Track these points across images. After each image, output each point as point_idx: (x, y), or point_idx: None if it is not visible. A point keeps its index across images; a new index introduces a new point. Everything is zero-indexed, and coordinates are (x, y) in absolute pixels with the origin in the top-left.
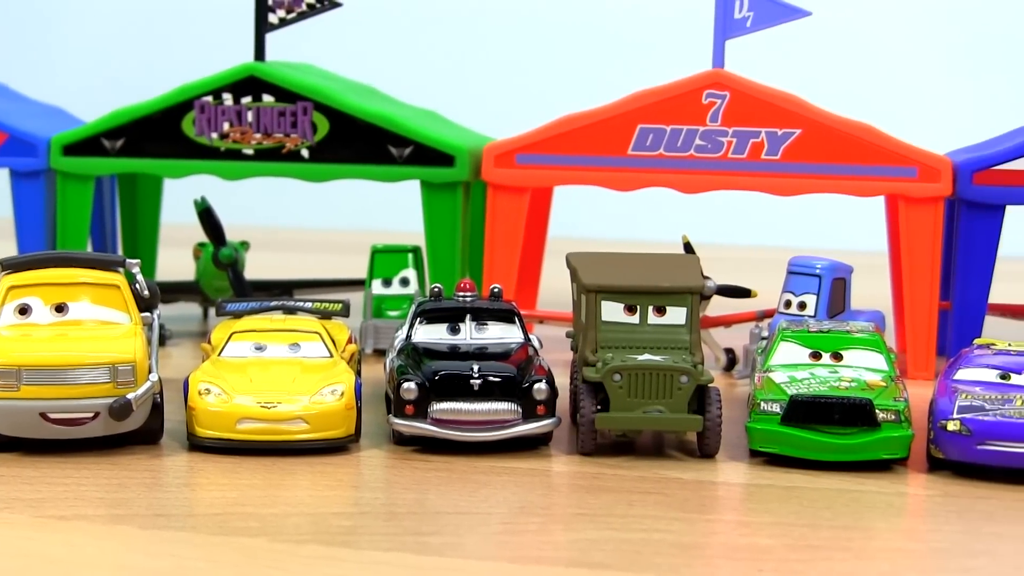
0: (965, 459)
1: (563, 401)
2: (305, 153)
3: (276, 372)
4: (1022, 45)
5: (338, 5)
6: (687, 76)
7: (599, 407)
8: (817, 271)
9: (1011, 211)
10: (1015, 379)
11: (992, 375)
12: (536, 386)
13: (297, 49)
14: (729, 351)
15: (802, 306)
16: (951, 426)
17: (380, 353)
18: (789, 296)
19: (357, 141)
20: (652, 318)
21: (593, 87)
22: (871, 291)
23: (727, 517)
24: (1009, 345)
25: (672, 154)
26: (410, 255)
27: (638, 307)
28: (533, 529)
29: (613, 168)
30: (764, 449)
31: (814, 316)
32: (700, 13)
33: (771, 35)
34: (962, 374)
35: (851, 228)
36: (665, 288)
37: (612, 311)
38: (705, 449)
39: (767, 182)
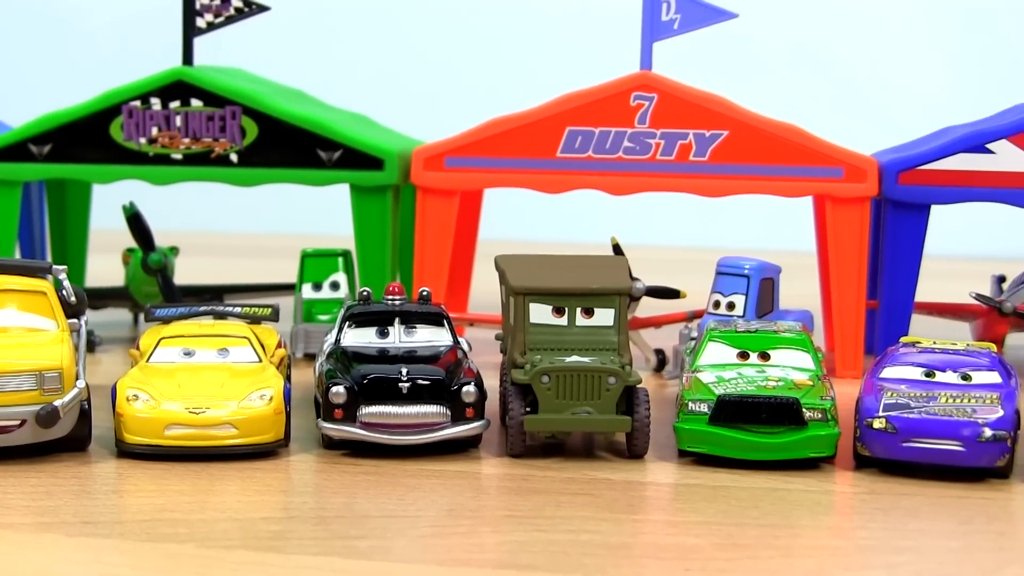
0: (891, 456)
1: (493, 403)
2: (234, 157)
3: (204, 377)
4: (946, 46)
5: (266, 9)
6: (615, 78)
7: (528, 409)
8: (745, 271)
9: (936, 210)
10: (940, 376)
11: (917, 373)
12: (465, 389)
13: (226, 53)
14: (659, 352)
15: (731, 306)
16: (877, 424)
17: (311, 357)
18: (718, 297)
19: (286, 145)
20: (580, 320)
21: (522, 90)
22: (800, 291)
23: (655, 517)
24: (934, 343)
25: (600, 156)
26: (340, 259)
27: (566, 309)
28: (461, 532)
29: (542, 170)
30: (692, 449)
31: (743, 316)
32: (628, 15)
33: (698, 37)
34: (888, 372)
35: (779, 228)
36: (593, 290)
37: (540, 313)
38: (634, 450)
39: (695, 183)
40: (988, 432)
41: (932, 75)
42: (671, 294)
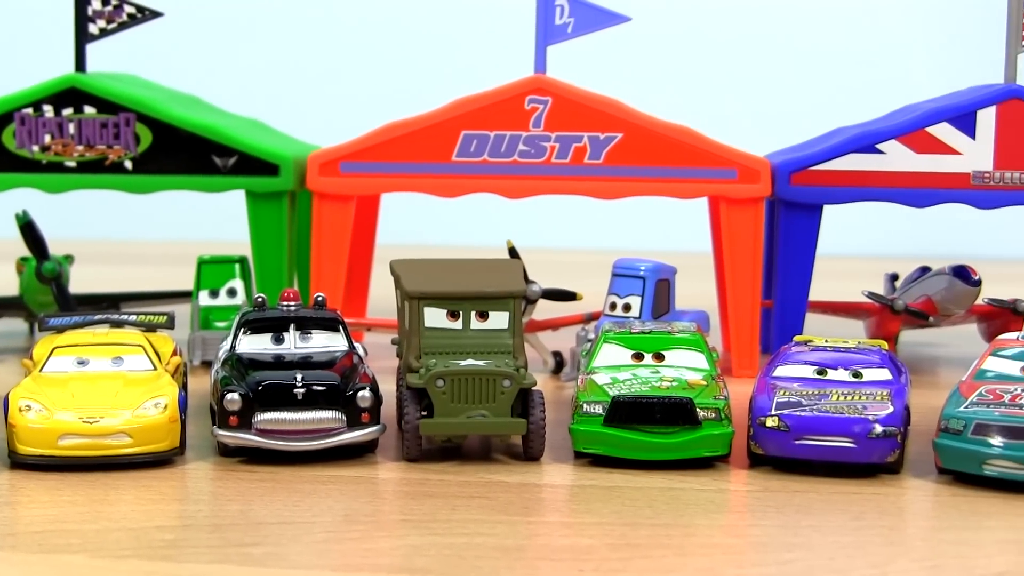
0: (784, 454)
1: (390, 408)
2: (128, 165)
3: (98, 386)
4: (836, 48)
5: (159, 15)
6: (509, 82)
7: (424, 413)
8: (641, 273)
9: (828, 210)
10: (832, 374)
11: (809, 371)
12: (360, 394)
13: (119, 60)
14: (556, 354)
15: (627, 308)
16: (770, 422)
17: (208, 365)
18: (614, 298)
19: (181, 152)
20: (475, 323)
21: (417, 94)
22: (696, 291)
23: (550, 519)
24: (826, 341)
25: (496, 160)
26: (237, 266)
27: (461, 313)
28: (356, 537)
29: (438, 175)
30: (588, 450)
31: (639, 317)
32: (522, 19)
33: (593, 40)
34: (780, 371)
35: (675, 230)
36: (487, 293)
37: (435, 317)
38: (530, 452)
39: (590, 186)
40: (878, 428)
41: (823, 77)
42: (567, 296)
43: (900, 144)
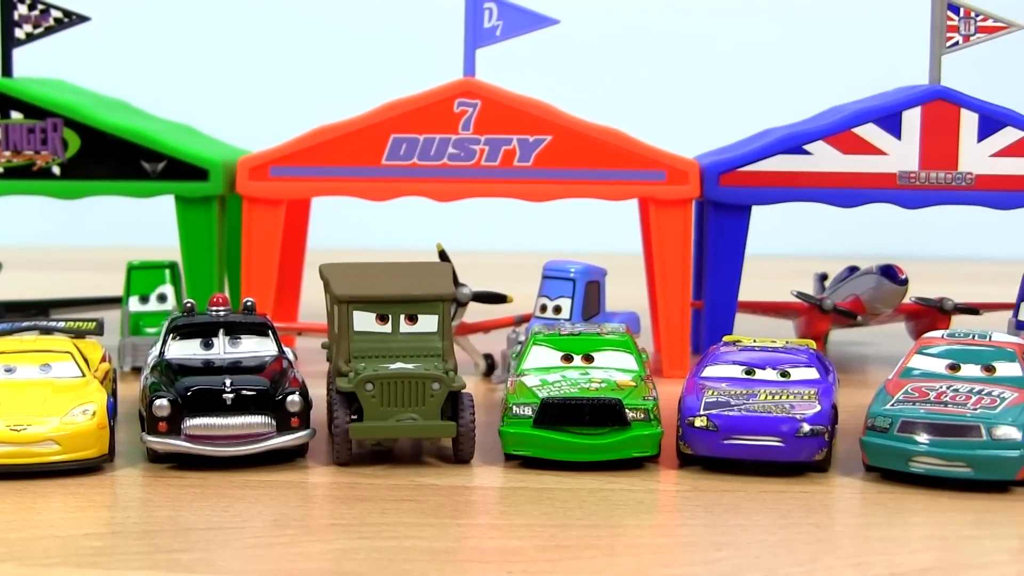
0: (713, 454)
1: (321, 412)
2: (56, 170)
3: (26, 394)
4: (764, 50)
5: (86, 19)
6: (438, 85)
7: (354, 417)
8: (571, 275)
9: (757, 211)
10: (759, 374)
11: (738, 371)
12: (289, 398)
13: (46, 65)
14: (488, 356)
15: (557, 310)
16: (698, 422)
17: (139, 371)
18: (544, 300)
19: (109, 157)
20: (404, 327)
21: (346, 98)
22: (627, 292)
23: (479, 521)
24: (754, 341)
25: (425, 163)
26: (167, 271)
27: (390, 316)
28: (286, 541)
29: (367, 178)
30: (518, 452)
31: (569, 319)
32: (451, 22)
33: (521, 43)
34: (709, 371)
35: (606, 231)
36: (415, 296)
37: (364, 321)
38: (460, 455)
39: (520, 188)
40: (806, 427)
41: (751, 78)
42: (498, 299)
43: (827, 145)
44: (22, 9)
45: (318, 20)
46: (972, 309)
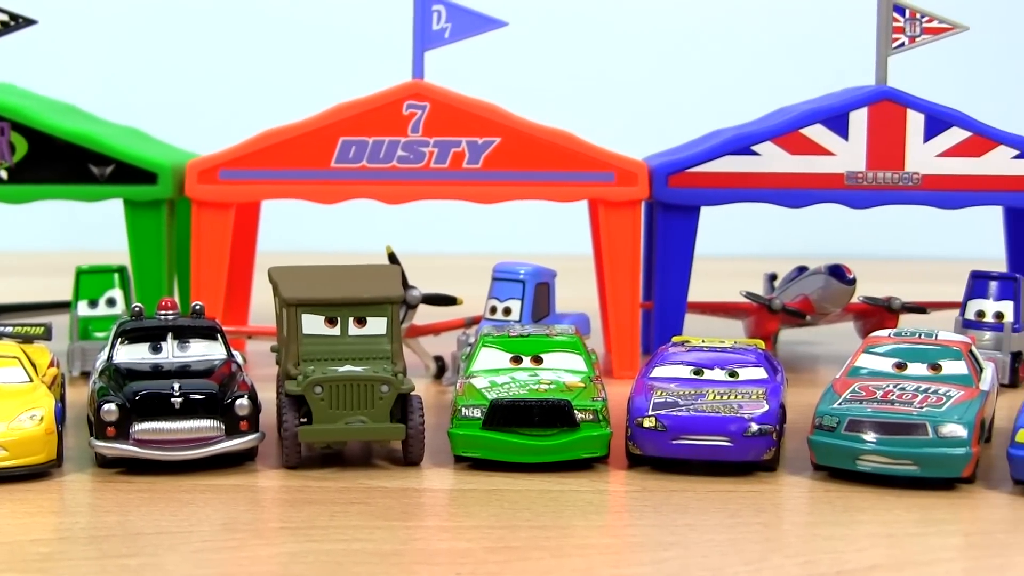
0: (661, 454)
1: (270, 416)
2: (3, 174)
3: None
4: (712, 51)
5: (33, 22)
6: (387, 88)
7: (304, 420)
8: (521, 277)
9: (707, 212)
10: (708, 374)
11: (686, 371)
12: (238, 402)
13: None
14: (439, 359)
15: (507, 311)
16: (647, 423)
17: (88, 375)
18: (494, 302)
19: (57, 161)
20: (353, 329)
21: (296, 100)
22: (577, 294)
23: (428, 523)
24: (703, 341)
25: (375, 166)
26: (116, 275)
27: (338, 319)
28: (234, 545)
29: (317, 181)
30: (467, 454)
31: (519, 321)
32: (399, 25)
33: (470, 45)
34: (658, 372)
35: (555, 233)
36: (364, 299)
37: (312, 324)
38: (409, 457)
39: (469, 190)
40: (754, 427)
41: (699, 79)
42: (448, 301)
43: (775, 146)
44: None
45: (266, 23)
46: (920, 308)
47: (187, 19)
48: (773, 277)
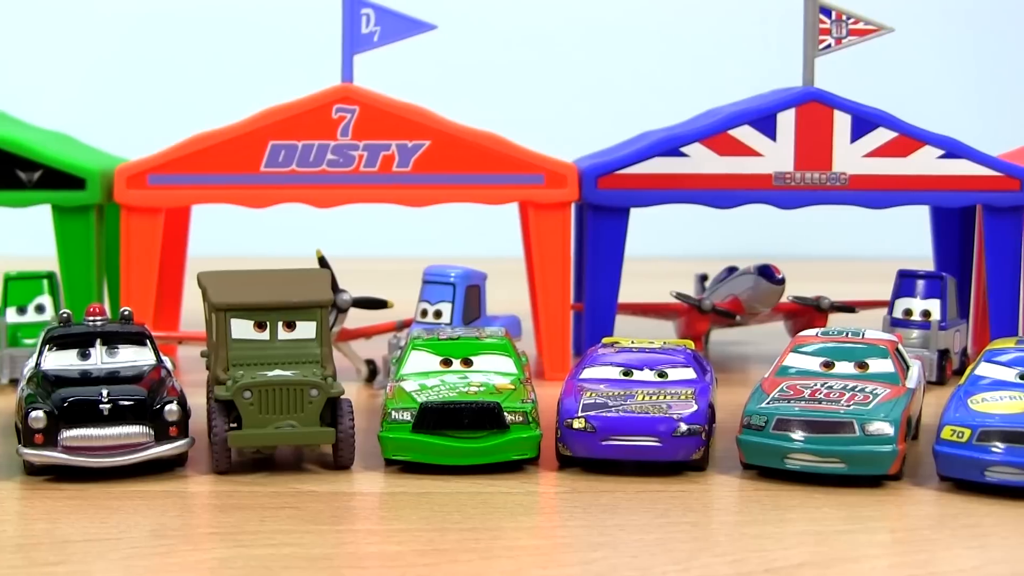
0: (591, 455)
1: (200, 421)
2: None
3: None
4: (641, 53)
5: None
6: (316, 91)
7: (234, 425)
8: (451, 280)
9: (637, 213)
10: (637, 375)
11: (615, 372)
12: (167, 408)
13: None
14: (370, 362)
15: (438, 314)
16: (576, 424)
17: (16, 383)
18: (425, 305)
19: None
20: (282, 333)
21: (225, 104)
22: (509, 296)
23: (358, 527)
24: (632, 342)
25: (304, 169)
26: (45, 281)
27: (268, 323)
28: (163, 552)
29: (246, 185)
30: (397, 457)
31: (450, 324)
32: (328, 28)
33: (399, 49)
34: (587, 373)
35: (486, 236)
36: (293, 303)
37: (242, 328)
38: (340, 461)
39: (399, 194)
40: (683, 427)
41: (628, 81)
42: (378, 304)
43: (704, 147)
44: None
45: (195, 26)
46: (848, 307)
47: (115, 23)
48: (703, 278)
